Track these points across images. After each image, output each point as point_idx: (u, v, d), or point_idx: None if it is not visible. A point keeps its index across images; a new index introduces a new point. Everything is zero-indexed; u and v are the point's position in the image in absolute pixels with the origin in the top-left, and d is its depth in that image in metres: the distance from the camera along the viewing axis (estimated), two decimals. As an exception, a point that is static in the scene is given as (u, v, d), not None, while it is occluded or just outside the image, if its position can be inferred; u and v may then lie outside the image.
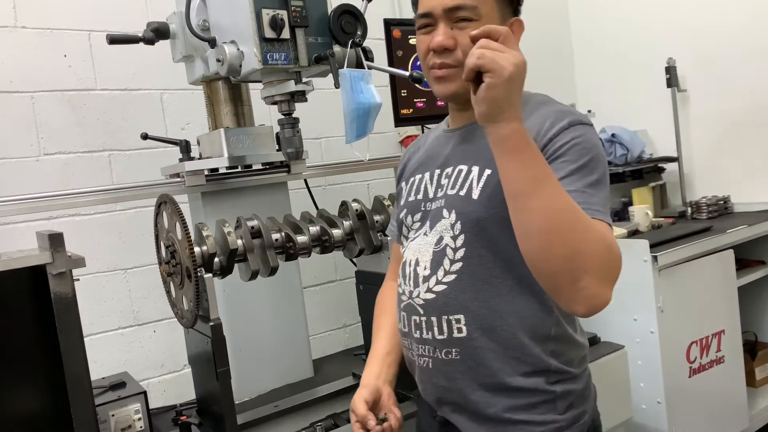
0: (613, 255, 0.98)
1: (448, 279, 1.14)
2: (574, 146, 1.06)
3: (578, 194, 1.01)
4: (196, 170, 1.80)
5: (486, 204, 1.10)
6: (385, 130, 2.74)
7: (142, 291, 2.31)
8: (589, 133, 1.10)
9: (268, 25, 1.51)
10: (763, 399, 2.77)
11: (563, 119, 1.09)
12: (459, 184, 1.16)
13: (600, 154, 1.09)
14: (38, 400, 1.41)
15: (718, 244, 2.47)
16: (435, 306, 1.15)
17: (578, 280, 0.95)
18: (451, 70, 1.14)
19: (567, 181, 1.02)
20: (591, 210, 1.00)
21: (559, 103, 1.17)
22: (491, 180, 1.10)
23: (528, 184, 0.96)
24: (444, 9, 1.12)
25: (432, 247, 1.17)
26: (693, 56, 3.08)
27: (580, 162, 1.05)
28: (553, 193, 0.95)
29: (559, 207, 0.95)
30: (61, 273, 1.32)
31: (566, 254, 0.95)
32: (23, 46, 2.10)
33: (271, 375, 2.00)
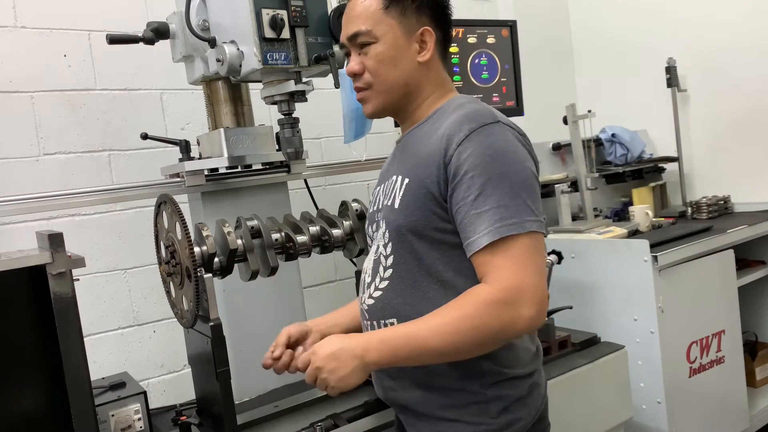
0: (495, 308, 1.04)
1: (382, 285, 1.22)
2: (473, 161, 1.08)
3: (492, 214, 1.06)
4: (196, 170, 1.80)
5: (404, 212, 1.16)
6: (385, 130, 2.74)
7: (142, 291, 2.31)
8: (490, 136, 1.10)
9: (268, 25, 1.51)
10: (763, 399, 2.77)
11: (461, 130, 1.11)
12: (388, 194, 1.23)
13: (504, 156, 1.09)
14: (38, 400, 1.40)
15: (718, 244, 2.47)
16: (375, 311, 1.23)
17: (500, 341, 1.10)
18: (365, 93, 1.24)
19: (479, 202, 1.07)
20: (507, 225, 1.05)
21: (471, 106, 1.17)
22: (408, 188, 1.17)
23: (414, 353, 1.07)
24: (347, 38, 1.23)
25: (373, 256, 1.25)
26: (693, 56, 3.08)
27: (484, 177, 1.07)
28: (426, 337, 1.06)
29: (441, 339, 1.05)
30: (61, 273, 1.32)
31: (472, 348, 1.08)
32: (23, 46, 2.10)
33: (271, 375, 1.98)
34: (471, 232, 1.08)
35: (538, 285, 1.06)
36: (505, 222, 1.05)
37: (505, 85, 2.46)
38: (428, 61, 1.21)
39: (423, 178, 1.14)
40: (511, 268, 1.05)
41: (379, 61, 1.20)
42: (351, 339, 1.10)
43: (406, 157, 1.23)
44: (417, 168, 1.16)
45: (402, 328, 1.10)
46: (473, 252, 1.08)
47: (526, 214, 1.07)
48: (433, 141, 1.15)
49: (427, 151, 1.15)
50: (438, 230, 1.14)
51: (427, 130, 1.21)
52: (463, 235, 1.10)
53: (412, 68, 1.20)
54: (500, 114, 1.17)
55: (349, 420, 1.67)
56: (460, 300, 1.08)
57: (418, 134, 1.23)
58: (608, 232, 2.52)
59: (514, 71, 2.47)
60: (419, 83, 1.22)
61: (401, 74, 1.20)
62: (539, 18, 3.43)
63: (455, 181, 1.09)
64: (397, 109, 1.26)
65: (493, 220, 1.05)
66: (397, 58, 1.20)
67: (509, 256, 1.05)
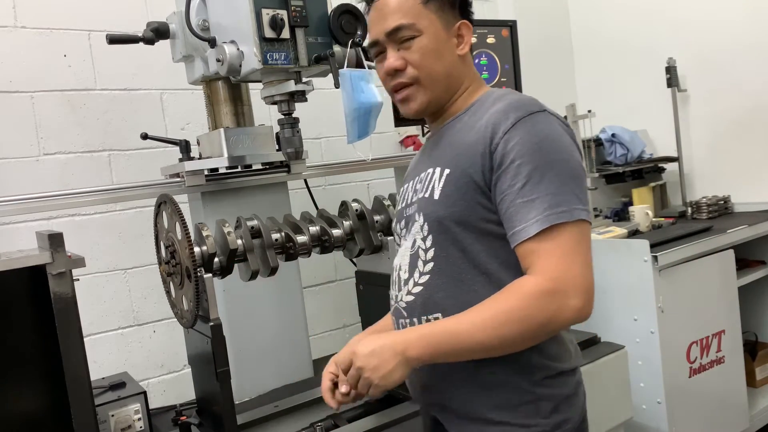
0: (542, 299, 1.02)
1: (422, 280, 1.18)
2: (520, 149, 1.07)
3: (541, 202, 1.04)
4: (196, 170, 1.80)
5: (445, 202, 1.14)
6: (385, 130, 2.74)
7: (142, 291, 2.31)
8: (537, 124, 1.09)
9: (268, 25, 1.51)
10: (763, 399, 2.77)
11: (507, 118, 1.10)
12: (425, 187, 1.20)
13: (552, 144, 1.08)
14: (38, 400, 1.40)
15: (718, 244, 2.47)
16: (415, 307, 1.19)
17: (547, 333, 1.07)
18: (409, 89, 1.21)
19: (526, 191, 1.05)
20: (557, 213, 1.04)
21: (513, 96, 1.17)
22: (449, 179, 1.14)
23: (458, 348, 1.05)
24: (386, 33, 1.19)
25: (408, 251, 1.21)
26: (693, 56, 3.08)
27: (531, 165, 1.06)
28: (470, 331, 1.04)
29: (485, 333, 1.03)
30: (61, 273, 1.32)
31: (518, 341, 1.06)
32: (23, 46, 2.10)
33: (271, 375, 2.00)
34: (518, 221, 1.06)
35: (586, 274, 1.05)
36: (555, 210, 1.03)
37: (505, 85, 2.46)
38: (465, 55, 1.22)
39: (465, 167, 1.12)
40: (558, 257, 1.03)
41: (424, 54, 1.18)
42: (391, 335, 1.07)
43: (443, 149, 1.21)
44: (458, 158, 1.15)
45: (444, 322, 1.08)
46: (520, 241, 1.06)
47: (575, 202, 1.05)
48: (475, 131, 1.14)
49: (469, 141, 1.14)
50: (482, 220, 1.12)
51: (466, 121, 1.19)
52: (509, 224, 1.08)
53: (453, 61, 1.20)
54: (544, 103, 1.16)
55: (349, 420, 1.67)
56: (505, 292, 1.06)
57: (456, 126, 1.21)
58: (608, 232, 2.52)
59: (514, 71, 2.47)
60: (459, 76, 1.22)
61: (445, 67, 1.20)
62: (539, 18, 3.43)
63: (501, 169, 1.08)
64: (439, 104, 1.23)
65: (542, 208, 1.04)
66: (441, 51, 1.19)
67: (557, 245, 1.03)
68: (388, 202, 1.79)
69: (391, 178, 2.63)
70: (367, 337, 1.09)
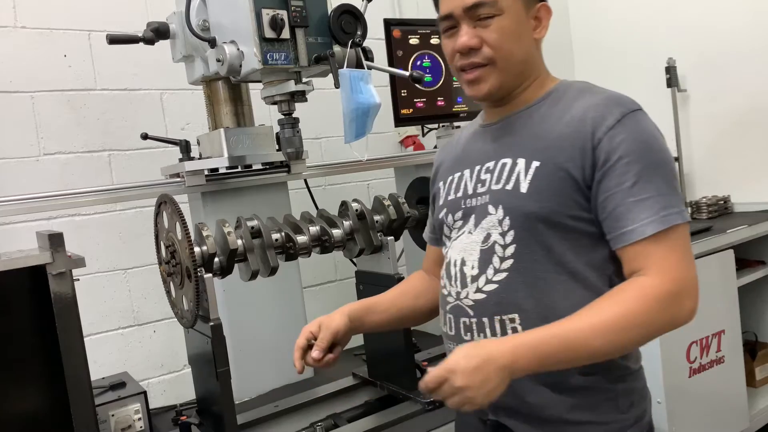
0: (663, 302, 0.99)
1: (498, 277, 1.10)
2: (629, 147, 1.03)
3: (654, 202, 1.01)
4: (196, 170, 1.80)
5: (536, 198, 1.07)
6: (385, 130, 2.74)
7: (142, 291, 2.31)
8: (641, 122, 1.06)
9: (268, 25, 1.51)
10: (763, 399, 2.76)
11: (611, 113, 1.06)
12: (504, 178, 1.12)
13: (657, 143, 1.06)
14: (38, 400, 1.40)
15: (718, 244, 2.46)
16: (486, 306, 1.11)
17: (660, 335, 1.03)
18: (481, 70, 1.13)
19: (637, 189, 1.01)
20: (672, 214, 1.01)
21: (602, 90, 1.14)
22: (540, 172, 1.08)
23: (569, 356, 0.99)
24: (464, 8, 1.10)
25: (479, 245, 1.13)
26: (693, 56, 3.08)
27: (641, 164, 1.02)
28: (587, 338, 0.98)
29: (603, 339, 0.98)
30: (61, 273, 1.32)
31: (635, 346, 1.07)
32: (23, 46, 2.10)
33: (271, 375, 2.00)
34: (630, 221, 1.01)
35: (696, 276, 1.03)
36: (670, 211, 1.01)
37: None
38: (540, 40, 1.17)
39: (561, 161, 1.06)
40: (675, 259, 1.00)
41: (503, 35, 1.11)
42: (492, 347, 0.97)
43: (521, 139, 1.14)
44: (549, 151, 1.08)
45: (555, 329, 0.99)
46: (633, 241, 1.02)
47: (682, 203, 1.04)
48: (566, 122, 1.09)
49: (561, 134, 1.08)
50: (573, 218, 1.06)
51: (546, 112, 1.13)
52: (617, 224, 1.03)
53: (530, 45, 1.15)
54: None
55: (349, 420, 1.68)
56: (621, 294, 1.00)
57: (534, 116, 1.14)
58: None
59: (514, 71, 2.47)
60: (534, 61, 1.17)
61: (522, 50, 1.13)
62: (539, 18, 3.42)
63: (606, 166, 1.03)
64: (511, 88, 1.16)
65: (656, 208, 1.00)
66: (520, 34, 1.12)
67: (673, 246, 1.01)
68: (388, 202, 1.79)
69: (391, 178, 2.63)
70: (465, 349, 0.98)
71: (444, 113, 2.37)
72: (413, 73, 1.76)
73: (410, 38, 2.27)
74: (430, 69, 2.31)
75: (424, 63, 2.30)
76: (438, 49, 2.33)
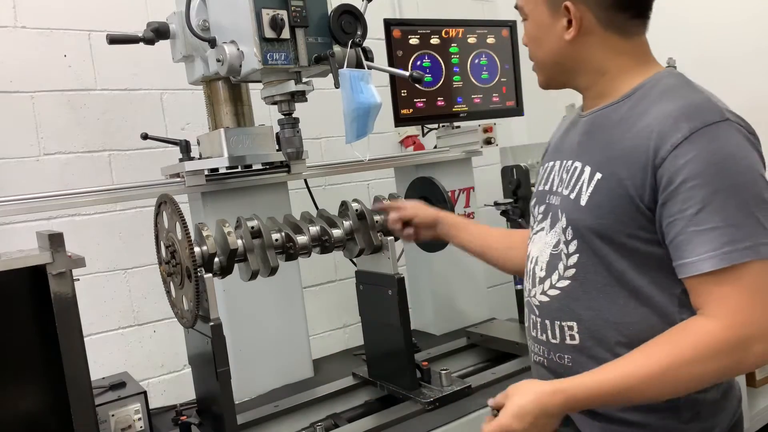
0: (720, 353, 0.91)
1: (561, 284, 1.10)
2: (695, 168, 0.92)
3: (720, 234, 0.91)
4: (196, 170, 1.80)
5: (594, 213, 1.04)
6: (385, 130, 2.74)
7: (142, 291, 2.31)
8: (717, 139, 0.94)
9: (268, 25, 1.51)
10: (763, 399, 2.76)
11: (679, 129, 0.95)
12: (571, 186, 1.10)
13: (735, 163, 0.93)
14: (38, 400, 1.40)
15: (718, 244, 2.46)
16: (549, 310, 1.12)
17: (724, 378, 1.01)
18: (534, 65, 1.20)
19: (701, 218, 0.92)
20: (739, 251, 0.90)
21: (686, 94, 1.03)
22: (601, 186, 1.03)
23: (622, 402, 0.99)
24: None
25: (550, 249, 1.13)
26: (693, 57, 3.07)
27: (708, 188, 0.91)
28: (640, 389, 0.95)
29: (657, 390, 0.95)
30: (61, 273, 1.32)
31: (696, 386, 0.97)
32: (23, 46, 2.10)
33: (271, 375, 2.00)
34: (688, 252, 0.93)
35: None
36: (736, 246, 0.90)
37: (505, 85, 2.46)
38: (580, 38, 1.08)
39: (622, 177, 1.00)
40: (740, 300, 0.91)
41: (529, 40, 1.16)
42: (552, 396, 0.96)
43: (595, 143, 1.09)
44: (613, 163, 1.02)
45: (609, 373, 0.96)
46: (689, 275, 0.94)
47: (761, 236, 0.91)
48: (635, 133, 1.00)
49: (627, 146, 1.01)
50: (632, 237, 1.00)
51: (624, 114, 1.05)
52: (677, 253, 0.95)
53: (560, 47, 1.10)
54: (725, 106, 1.01)
55: (349, 420, 1.68)
56: (678, 337, 0.94)
57: (612, 117, 1.08)
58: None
59: (514, 71, 2.47)
60: (577, 61, 1.11)
61: (548, 54, 1.13)
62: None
63: (669, 189, 0.94)
64: (563, 85, 1.18)
65: (720, 242, 0.90)
66: (541, 38, 1.13)
67: (739, 287, 0.90)
68: (389, 202, 1.79)
69: (391, 178, 2.63)
70: (524, 394, 0.98)
71: (444, 113, 2.37)
72: (413, 73, 1.75)
73: (410, 38, 2.26)
74: (430, 69, 2.31)
75: (424, 63, 2.30)
76: (438, 49, 2.33)
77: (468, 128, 2.39)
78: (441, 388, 1.71)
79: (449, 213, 1.55)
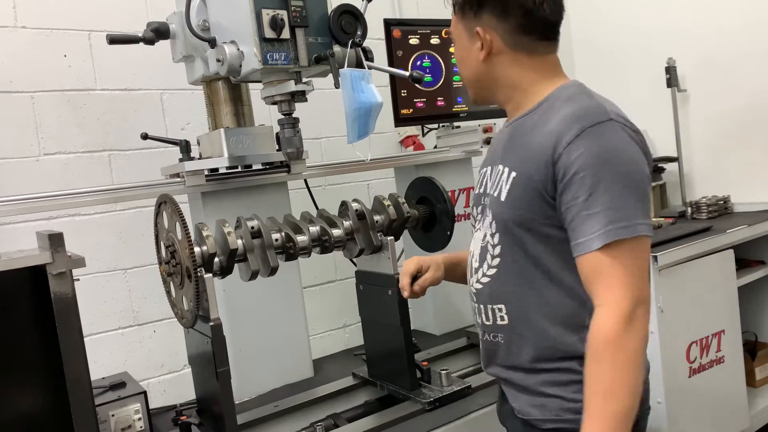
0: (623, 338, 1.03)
1: (490, 272, 1.24)
2: (584, 161, 1.07)
3: (603, 216, 1.05)
4: (196, 170, 1.80)
5: (511, 206, 1.18)
6: (385, 130, 2.74)
7: (142, 291, 2.31)
8: (602, 135, 1.08)
9: (268, 25, 1.51)
10: (763, 399, 2.77)
11: (571, 128, 1.10)
12: (496, 185, 1.23)
13: (617, 155, 1.08)
14: (38, 400, 1.40)
15: (718, 244, 2.46)
16: (482, 295, 1.27)
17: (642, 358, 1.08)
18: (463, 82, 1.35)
19: (589, 203, 1.06)
20: (617, 228, 1.04)
21: (581, 100, 1.16)
22: (516, 183, 1.17)
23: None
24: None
25: (480, 242, 1.27)
26: (693, 56, 3.08)
27: (595, 177, 1.06)
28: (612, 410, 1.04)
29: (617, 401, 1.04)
30: (61, 273, 1.32)
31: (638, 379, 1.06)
32: (23, 46, 2.10)
33: (271, 375, 2.00)
34: (581, 234, 1.08)
35: (644, 289, 1.07)
36: (617, 225, 1.04)
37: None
38: (492, 58, 1.22)
39: (531, 174, 1.15)
40: (620, 278, 1.05)
41: (456, 61, 1.30)
42: None
43: (513, 147, 1.23)
44: (525, 162, 1.17)
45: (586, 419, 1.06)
46: (583, 253, 1.08)
47: (637, 216, 1.06)
48: (541, 136, 1.15)
49: (535, 146, 1.15)
50: (545, 225, 1.15)
51: (535, 121, 1.20)
52: (573, 236, 1.10)
53: (477, 66, 1.24)
54: (613, 108, 1.15)
55: (349, 420, 1.68)
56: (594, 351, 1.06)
57: (527, 124, 1.21)
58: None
59: (514, 71, 2.47)
60: (493, 78, 1.24)
61: (470, 72, 1.27)
62: (539, 18, 3.42)
63: (564, 180, 1.09)
64: (488, 100, 1.30)
65: (604, 222, 1.05)
66: (464, 59, 1.27)
67: (618, 263, 1.05)
68: (388, 202, 1.79)
69: (391, 178, 2.63)
70: None
71: (444, 113, 2.37)
72: (413, 73, 1.76)
73: (410, 38, 2.27)
74: (430, 69, 2.31)
75: (424, 63, 2.30)
76: (438, 49, 2.33)
77: (468, 128, 2.39)
78: (441, 388, 1.71)
79: (443, 255, 1.55)
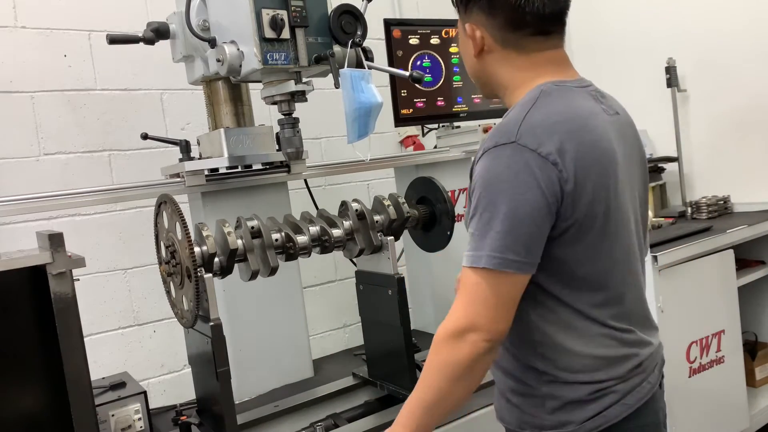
0: (449, 343, 1.08)
1: None
2: (477, 182, 1.09)
3: (472, 239, 1.09)
4: (196, 170, 1.80)
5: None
6: (385, 130, 2.74)
7: (142, 291, 2.31)
8: (496, 159, 1.07)
9: (268, 25, 1.51)
10: (763, 399, 2.77)
11: (482, 147, 1.12)
12: None
13: (500, 183, 1.05)
14: (38, 401, 1.40)
15: (718, 244, 2.47)
16: None
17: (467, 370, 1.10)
18: None
19: (471, 223, 1.09)
20: (469, 256, 1.07)
21: (513, 111, 1.13)
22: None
23: (424, 413, 1.14)
24: None
25: None
26: (693, 56, 3.08)
27: (477, 200, 1.08)
28: (420, 397, 1.13)
29: (426, 392, 1.13)
30: (61, 273, 1.32)
31: (451, 386, 1.11)
32: (23, 46, 2.10)
33: (271, 375, 2.00)
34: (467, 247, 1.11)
35: (482, 318, 1.07)
36: (471, 251, 1.07)
37: (505, 85, 2.46)
38: (484, 55, 1.20)
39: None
40: (463, 300, 1.08)
41: (461, 57, 1.34)
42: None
43: None
44: None
45: (408, 400, 1.16)
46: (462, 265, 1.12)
47: (486, 247, 1.05)
48: None
49: None
50: None
51: None
52: None
53: (473, 63, 1.24)
54: (533, 129, 1.06)
55: (349, 420, 1.67)
56: (431, 355, 1.13)
57: None
58: (608, 232, 2.51)
59: (514, 71, 2.47)
60: (487, 77, 1.24)
61: (469, 69, 1.27)
62: (539, 18, 3.42)
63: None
64: (493, 95, 1.29)
65: (470, 246, 1.08)
66: (464, 56, 1.27)
67: (468, 286, 1.08)
68: (388, 202, 1.79)
69: (391, 178, 2.63)
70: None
71: (444, 113, 2.37)
72: (413, 73, 1.75)
73: (410, 38, 2.27)
74: (430, 69, 2.31)
75: (424, 63, 2.30)
76: (438, 49, 2.33)
77: (468, 128, 2.39)
78: (441, 388, 1.71)
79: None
